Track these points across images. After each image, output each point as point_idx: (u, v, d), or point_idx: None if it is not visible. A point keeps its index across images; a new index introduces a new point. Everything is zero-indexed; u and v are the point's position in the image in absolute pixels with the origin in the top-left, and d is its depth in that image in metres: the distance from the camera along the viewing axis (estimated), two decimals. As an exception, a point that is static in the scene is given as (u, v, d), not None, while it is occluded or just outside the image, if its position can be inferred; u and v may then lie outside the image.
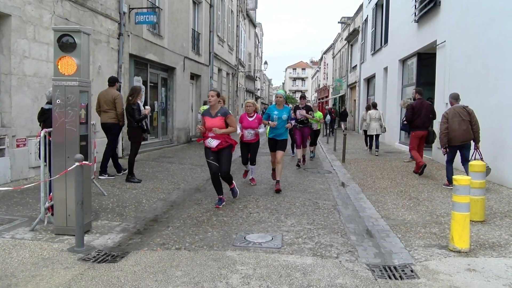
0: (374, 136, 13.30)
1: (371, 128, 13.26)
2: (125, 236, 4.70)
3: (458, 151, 7.28)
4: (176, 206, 6.26)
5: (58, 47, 4.49)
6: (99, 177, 7.78)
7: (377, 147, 13.23)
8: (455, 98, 7.39)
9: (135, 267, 3.78)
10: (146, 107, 8.24)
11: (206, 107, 21.14)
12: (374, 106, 13.89)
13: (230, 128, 6.14)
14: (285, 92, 6.88)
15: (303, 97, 10.96)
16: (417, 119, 9.07)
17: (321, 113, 12.66)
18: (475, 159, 6.95)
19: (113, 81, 8.27)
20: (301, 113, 10.44)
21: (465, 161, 7.18)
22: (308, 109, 10.65)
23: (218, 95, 6.26)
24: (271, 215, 5.77)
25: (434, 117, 9.53)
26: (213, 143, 6.07)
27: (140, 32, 12.21)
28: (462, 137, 7.03)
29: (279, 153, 7.45)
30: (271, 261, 3.99)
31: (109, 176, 8.02)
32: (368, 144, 13.99)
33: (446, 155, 7.35)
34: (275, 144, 7.57)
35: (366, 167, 10.38)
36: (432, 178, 8.55)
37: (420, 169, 8.81)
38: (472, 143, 7.18)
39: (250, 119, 7.36)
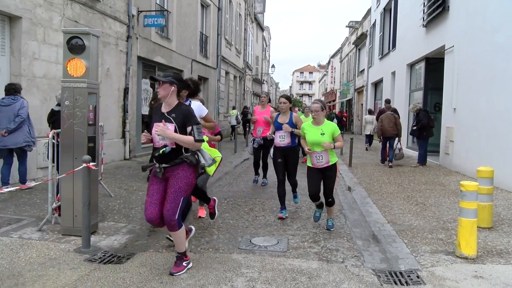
0: (369, 135, 17.09)
1: (366, 130, 17.24)
2: (131, 238, 4.72)
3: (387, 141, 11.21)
4: (182, 208, 6.27)
5: (67, 49, 4.54)
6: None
7: (370, 143, 17.03)
8: (387, 107, 12.35)
9: (141, 269, 3.79)
10: None
11: (235, 111, 21.22)
12: (370, 112, 17.91)
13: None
14: None
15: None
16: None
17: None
18: (400, 148, 11.16)
19: None
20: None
21: (390, 147, 11.12)
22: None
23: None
24: (277, 218, 5.76)
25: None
26: None
27: (148, 34, 12.30)
28: (389, 132, 11.03)
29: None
30: (276, 265, 3.98)
31: None
32: (366, 141, 17.23)
33: (381, 143, 11.65)
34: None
35: (372, 171, 10.33)
36: (440, 183, 8.49)
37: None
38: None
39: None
